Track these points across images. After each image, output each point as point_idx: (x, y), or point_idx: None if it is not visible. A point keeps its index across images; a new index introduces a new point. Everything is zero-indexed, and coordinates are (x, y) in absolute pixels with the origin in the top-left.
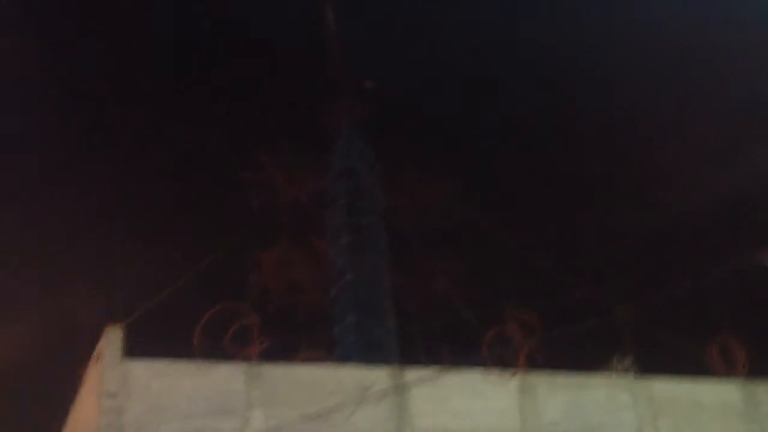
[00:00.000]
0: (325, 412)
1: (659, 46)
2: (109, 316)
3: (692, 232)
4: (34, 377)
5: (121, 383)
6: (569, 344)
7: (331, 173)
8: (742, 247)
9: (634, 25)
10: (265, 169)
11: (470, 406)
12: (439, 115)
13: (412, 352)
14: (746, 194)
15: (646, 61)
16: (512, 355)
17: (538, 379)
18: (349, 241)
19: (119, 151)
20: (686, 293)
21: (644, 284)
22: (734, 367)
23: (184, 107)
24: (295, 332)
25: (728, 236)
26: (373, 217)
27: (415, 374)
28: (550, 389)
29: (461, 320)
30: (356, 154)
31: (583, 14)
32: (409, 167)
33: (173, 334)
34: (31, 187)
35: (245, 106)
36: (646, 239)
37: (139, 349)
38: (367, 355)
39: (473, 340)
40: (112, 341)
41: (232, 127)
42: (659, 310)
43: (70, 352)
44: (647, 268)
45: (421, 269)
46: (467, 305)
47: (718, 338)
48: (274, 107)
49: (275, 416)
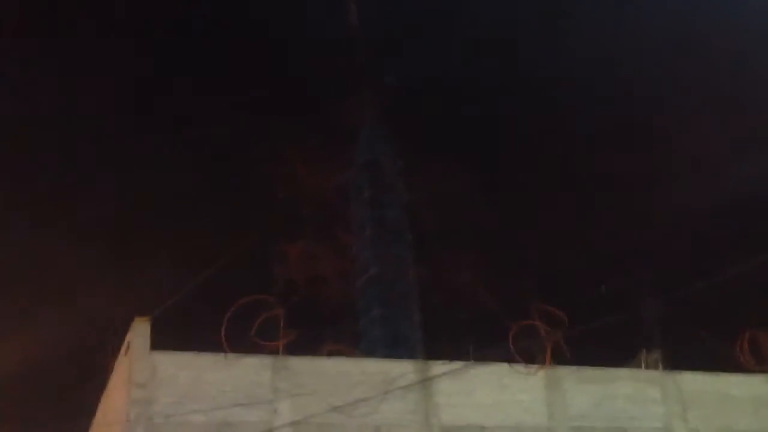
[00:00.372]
0: (351, 404)
1: (673, 40)
2: (137, 309)
3: (720, 225)
4: (65, 369)
5: (149, 375)
6: (596, 338)
7: (354, 167)
8: None
9: (656, 20)
10: (289, 162)
11: (496, 399)
12: (462, 109)
13: (437, 345)
14: None
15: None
16: (539, 348)
17: (564, 372)
18: (373, 234)
19: (146, 147)
20: (714, 287)
21: (672, 278)
22: (764, 360)
23: (210, 102)
24: (320, 325)
25: (757, 229)
26: (397, 210)
27: (441, 367)
28: (577, 383)
29: (487, 313)
30: (379, 147)
31: (606, 10)
32: (432, 161)
33: (200, 326)
34: (60, 184)
35: (270, 100)
36: (673, 233)
37: (166, 341)
38: (392, 347)
39: (499, 333)
40: (140, 334)
41: (255, 121)
42: (687, 303)
43: (99, 344)
44: (675, 261)
45: (446, 262)
46: (493, 298)
47: (746, 332)
48: (298, 101)
49: (302, 408)
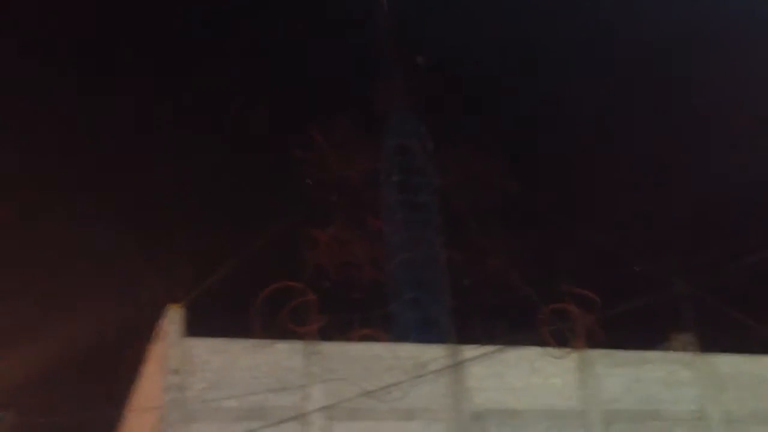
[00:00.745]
0: (382, 388)
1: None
2: (170, 295)
3: (753, 205)
4: (100, 356)
5: (183, 360)
6: (629, 320)
7: (384, 151)
8: None
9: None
10: (319, 147)
11: (528, 382)
12: (492, 91)
13: (468, 328)
14: None
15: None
16: (570, 331)
17: (596, 355)
18: (403, 218)
19: (178, 134)
20: (748, 267)
21: (704, 259)
22: None
23: (239, 87)
24: (351, 309)
25: None
26: (427, 194)
27: (472, 351)
28: (609, 366)
29: (518, 297)
30: (409, 131)
31: None
32: (462, 144)
33: (232, 312)
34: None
35: (299, 84)
36: (706, 213)
37: (199, 327)
38: (423, 331)
39: (531, 316)
40: (173, 320)
41: (286, 105)
42: (720, 285)
43: (134, 331)
44: (708, 242)
45: (476, 246)
46: (524, 282)
47: None
48: (327, 85)
49: (334, 392)
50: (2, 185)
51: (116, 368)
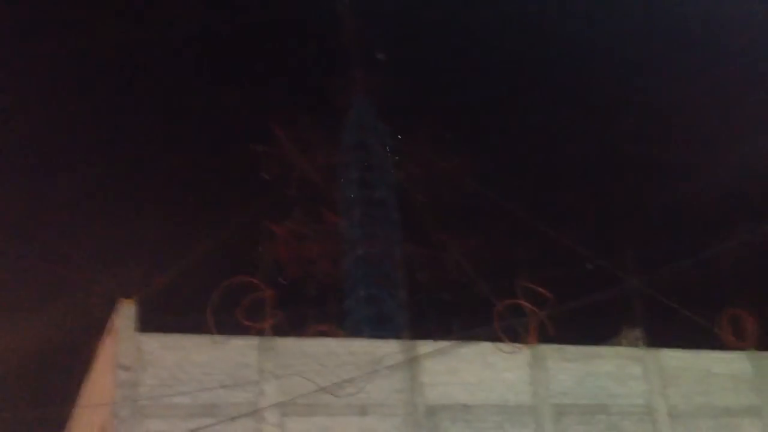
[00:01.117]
0: (337, 384)
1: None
2: (122, 290)
3: (703, 204)
4: (49, 350)
5: (135, 356)
6: (580, 316)
7: (343, 146)
8: (752, 219)
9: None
10: (278, 141)
11: (482, 377)
12: (451, 87)
13: (423, 324)
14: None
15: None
16: (523, 327)
17: (548, 350)
18: (361, 214)
19: (132, 125)
20: (696, 265)
21: (654, 256)
22: (744, 338)
23: (197, 81)
24: (306, 305)
25: (739, 209)
26: (385, 190)
27: (427, 347)
28: (560, 361)
29: (472, 292)
30: (368, 127)
31: None
32: (421, 140)
33: (186, 307)
34: (45, 162)
35: (258, 78)
36: (656, 211)
37: (152, 322)
38: (378, 327)
39: (484, 312)
40: (125, 315)
41: (245, 99)
42: (669, 281)
43: (84, 326)
44: (658, 239)
45: (432, 242)
46: (478, 277)
47: (728, 310)
48: (287, 80)
49: (288, 388)
50: None
51: (66, 364)
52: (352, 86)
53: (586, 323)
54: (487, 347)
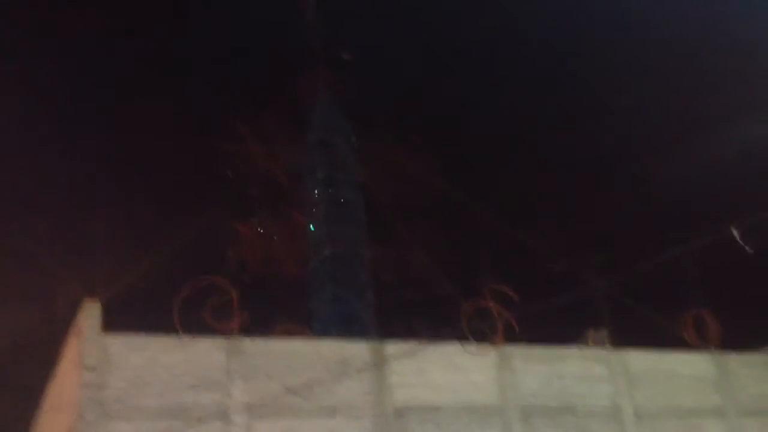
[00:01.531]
0: (305, 385)
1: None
2: (87, 290)
3: (666, 206)
4: (12, 352)
5: (100, 358)
6: (546, 317)
7: (308, 146)
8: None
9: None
10: (242, 140)
11: (449, 378)
12: (417, 87)
13: (389, 324)
14: (720, 168)
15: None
16: (490, 328)
17: (515, 351)
18: (326, 213)
19: (98, 125)
20: (661, 266)
21: (619, 258)
22: (708, 339)
23: (162, 79)
24: (272, 304)
25: (701, 210)
26: (350, 190)
27: (394, 348)
28: (527, 361)
29: (439, 293)
30: (333, 126)
31: None
32: (386, 140)
33: (152, 307)
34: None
35: (223, 76)
36: (620, 213)
37: (118, 323)
38: (344, 327)
39: (451, 312)
40: (90, 316)
41: (210, 97)
42: (634, 283)
43: (48, 327)
44: (622, 241)
45: (399, 242)
46: (445, 278)
47: (691, 311)
48: (252, 78)
49: (256, 389)
50: None
51: (30, 365)
52: (317, 85)
53: (552, 324)
54: (454, 348)
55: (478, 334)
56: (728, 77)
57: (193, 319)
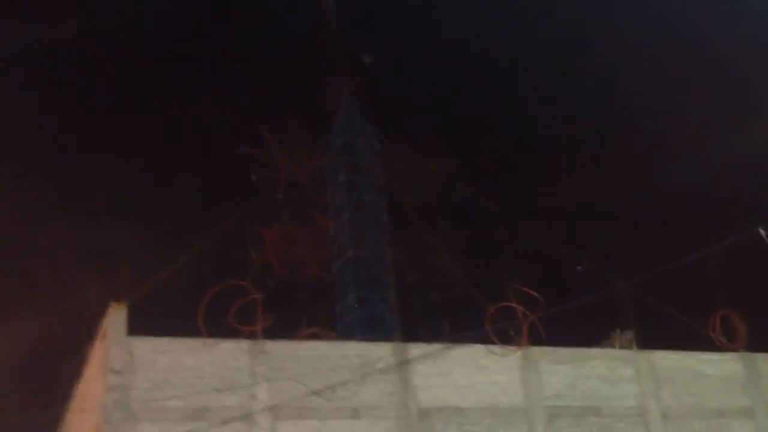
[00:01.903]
0: (329, 387)
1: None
2: (113, 294)
3: (694, 205)
4: (40, 356)
5: (126, 360)
6: (571, 318)
7: (331, 149)
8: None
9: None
10: (266, 144)
11: (473, 380)
12: (439, 90)
13: (414, 326)
14: (748, 168)
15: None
16: (514, 329)
17: (540, 353)
18: (350, 217)
19: (122, 130)
20: (688, 267)
21: (646, 258)
22: (735, 339)
23: (185, 83)
24: (297, 308)
25: (730, 209)
26: (373, 193)
27: (418, 349)
28: (552, 363)
29: (463, 295)
30: (355, 130)
31: None
32: (409, 142)
33: (177, 311)
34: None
35: (246, 81)
36: (647, 213)
37: (143, 326)
38: (369, 330)
39: (475, 314)
40: (116, 319)
41: (233, 102)
42: (661, 283)
43: (76, 330)
44: (649, 241)
45: (422, 244)
46: (469, 280)
47: (719, 311)
48: (275, 83)
49: (280, 391)
50: None
51: (58, 368)
52: (339, 89)
53: (577, 325)
54: (478, 350)
55: (502, 335)
56: (753, 73)
57: (217, 322)
